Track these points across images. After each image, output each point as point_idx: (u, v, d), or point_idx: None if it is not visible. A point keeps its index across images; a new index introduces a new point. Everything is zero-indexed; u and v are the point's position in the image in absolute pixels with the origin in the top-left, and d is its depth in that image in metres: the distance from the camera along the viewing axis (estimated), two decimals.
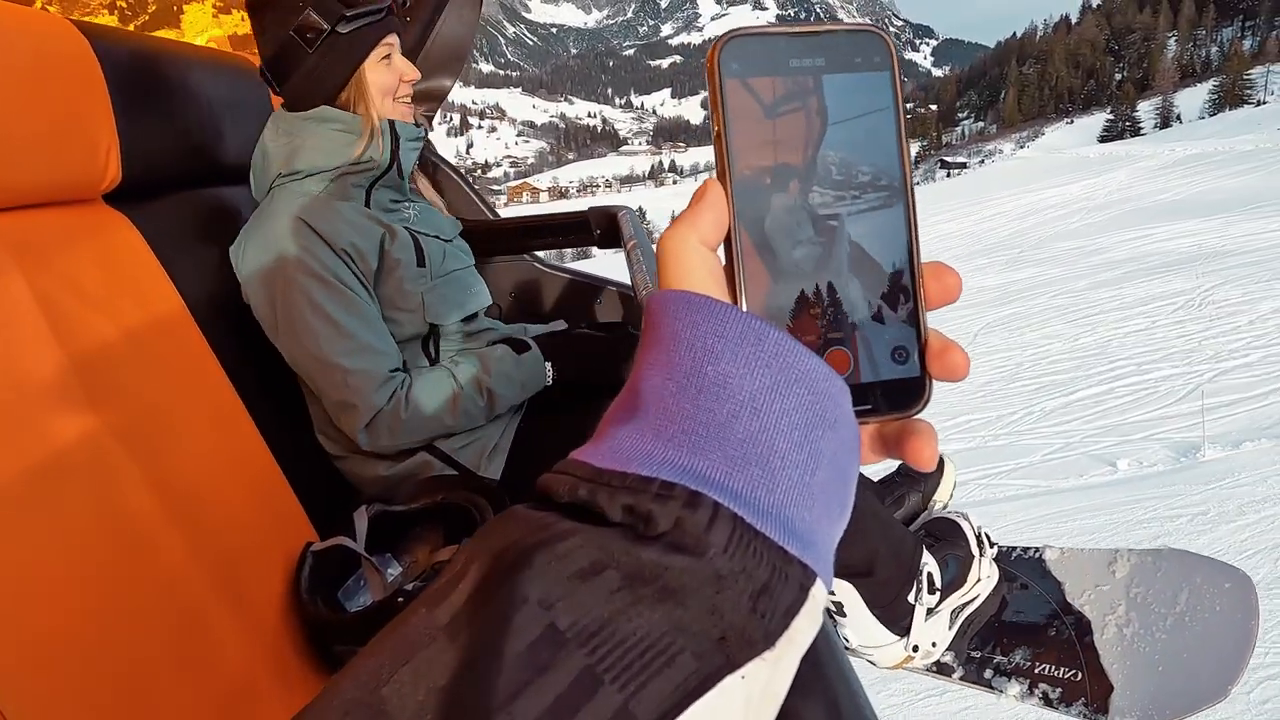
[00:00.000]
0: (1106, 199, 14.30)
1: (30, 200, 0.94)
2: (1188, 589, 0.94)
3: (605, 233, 1.80)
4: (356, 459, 1.27)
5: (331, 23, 1.18)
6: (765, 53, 0.30)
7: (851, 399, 0.27)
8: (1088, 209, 13.27)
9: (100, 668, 0.75)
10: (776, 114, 0.30)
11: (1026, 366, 4.96)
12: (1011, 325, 6.08)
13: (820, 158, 0.30)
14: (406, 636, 0.24)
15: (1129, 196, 14.12)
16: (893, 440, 0.32)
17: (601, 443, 0.27)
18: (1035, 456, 3.57)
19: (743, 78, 0.30)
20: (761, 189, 0.30)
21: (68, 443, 0.82)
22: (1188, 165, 18.15)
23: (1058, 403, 4.23)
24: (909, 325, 0.31)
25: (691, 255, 0.29)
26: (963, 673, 1.08)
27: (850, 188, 0.31)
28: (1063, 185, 18.26)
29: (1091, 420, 3.93)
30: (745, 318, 0.26)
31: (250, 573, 1.00)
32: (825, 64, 0.31)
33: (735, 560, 0.23)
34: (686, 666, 0.22)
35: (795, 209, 0.30)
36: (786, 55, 0.31)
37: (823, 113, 0.31)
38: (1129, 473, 3.29)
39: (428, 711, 0.22)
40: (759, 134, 0.30)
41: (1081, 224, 11.53)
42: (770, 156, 0.30)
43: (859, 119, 0.31)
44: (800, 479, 0.25)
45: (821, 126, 0.31)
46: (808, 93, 0.31)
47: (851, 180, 0.31)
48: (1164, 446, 3.48)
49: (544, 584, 0.23)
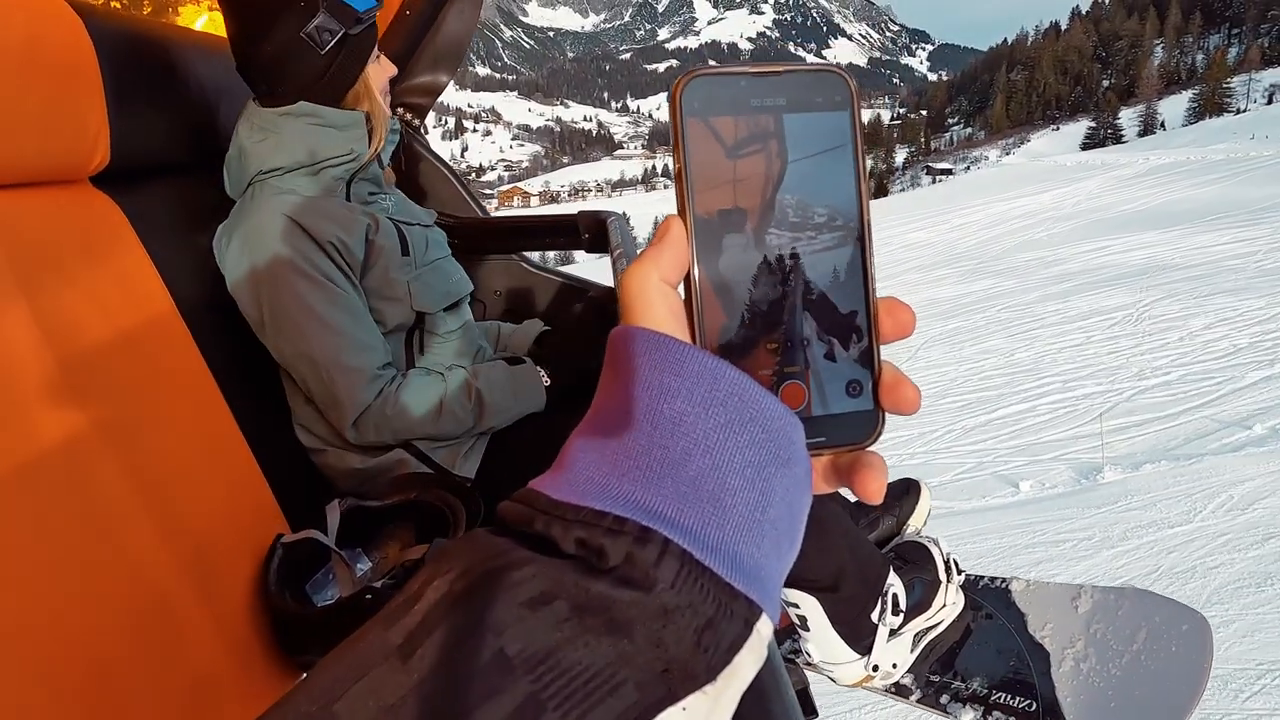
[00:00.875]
0: (1074, 209, 14.48)
1: (16, 179, 0.93)
2: (1146, 628, 0.96)
3: (593, 237, 1.80)
4: (333, 452, 1.27)
5: (347, 25, 1.20)
6: (727, 92, 0.31)
7: (805, 432, 0.28)
8: (1055, 219, 13.42)
9: (66, 653, 0.74)
10: (737, 153, 0.31)
11: (959, 382, 5.02)
12: (954, 339, 6.15)
13: (779, 197, 0.31)
14: (361, 654, 0.24)
15: (1097, 206, 14.35)
16: (845, 471, 0.33)
17: (560, 473, 0.27)
18: (947, 476, 3.61)
19: (704, 116, 0.31)
20: (721, 227, 0.31)
21: (42, 426, 0.82)
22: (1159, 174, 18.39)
23: (979, 420, 4.28)
24: (863, 360, 0.32)
25: (653, 293, 0.29)
26: (920, 695, 1.10)
27: (808, 226, 0.31)
28: (1035, 194, 18.42)
29: (1007, 440, 3.98)
30: (702, 357, 0.27)
31: (220, 563, 1.00)
32: (786, 103, 0.31)
33: (682, 595, 0.24)
34: (628, 697, 0.23)
35: (754, 247, 0.31)
36: (748, 95, 0.31)
37: (783, 152, 0.31)
38: (1030, 495, 3.33)
39: None
40: (719, 173, 0.31)
41: (1046, 234, 11.63)
42: (730, 195, 0.31)
43: (818, 158, 0.31)
44: (750, 515, 0.26)
45: (781, 166, 0.31)
46: (768, 132, 0.31)
47: (809, 219, 0.31)
48: (1069, 468, 3.51)
49: (496, 610, 0.23)
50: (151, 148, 1.19)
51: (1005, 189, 21.92)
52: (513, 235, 1.88)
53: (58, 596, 0.76)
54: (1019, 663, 1.04)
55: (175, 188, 1.24)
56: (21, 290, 0.86)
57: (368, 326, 1.23)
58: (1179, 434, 3.62)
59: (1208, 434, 3.56)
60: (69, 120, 0.99)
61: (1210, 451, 3.34)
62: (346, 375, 1.18)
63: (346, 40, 1.21)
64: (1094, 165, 26.73)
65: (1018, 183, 24.03)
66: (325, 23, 1.18)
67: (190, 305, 1.11)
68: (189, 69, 1.28)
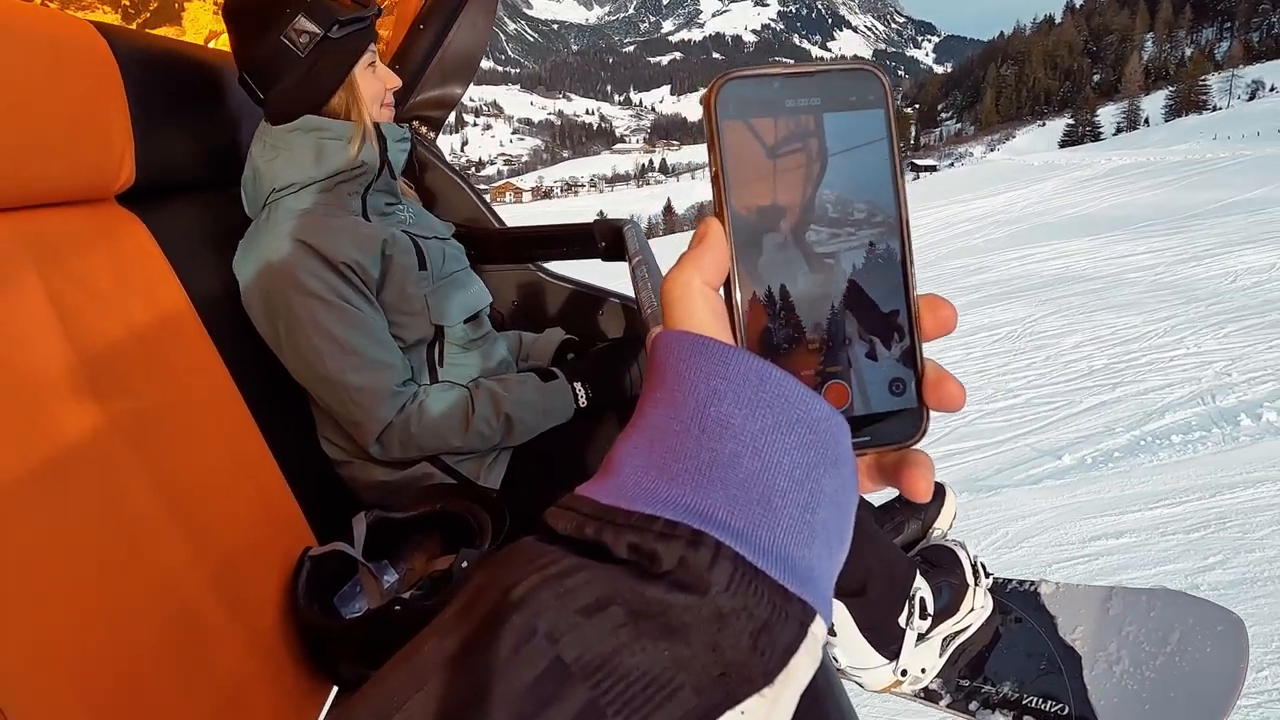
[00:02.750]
0: (1021, 212, 14.32)
1: (45, 199, 0.95)
2: (1180, 629, 0.95)
3: (609, 246, 1.80)
4: (358, 464, 1.28)
5: (325, 28, 1.19)
6: (761, 93, 0.31)
7: (850, 431, 0.28)
8: (1000, 223, 13.28)
9: (98, 665, 0.75)
10: (773, 154, 0.31)
11: None
12: None
13: (817, 196, 0.31)
14: (418, 665, 0.24)
15: (1044, 210, 14.20)
16: (890, 470, 0.33)
17: (607, 479, 0.27)
18: None
19: (740, 118, 0.31)
20: (760, 228, 0.31)
21: (74, 439, 0.83)
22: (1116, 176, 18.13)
23: None
24: (905, 358, 0.32)
25: (695, 297, 0.30)
26: (950, 700, 1.09)
27: (846, 225, 0.31)
28: (992, 196, 18.23)
29: None
30: (748, 359, 0.27)
31: (248, 575, 1.00)
32: (821, 103, 0.31)
33: (737, 598, 0.24)
34: (686, 702, 0.23)
35: (793, 247, 0.31)
36: (782, 95, 0.31)
37: (819, 152, 0.31)
38: None
39: None
40: (756, 174, 0.31)
41: (983, 240, 11.44)
42: (768, 196, 0.31)
43: (855, 157, 0.32)
44: (800, 517, 0.26)
45: (818, 166, 0.31)
46: (804, 132, 0.31)
47: (848, 217, 0.31)
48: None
49: (551, 618, 0.23)
50: (176, 166, 1.20)
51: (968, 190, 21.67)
52: (529, 245, 1.89)
53: (90, 609, 0.76)
54: (1050, 666, 1.03)
55: (199, 205, 1.25)
56: (52, 306, 0.87)
57: (385, 344, 1.23)
58: (995, 463, 3.45)
59: (1020, 464, 3.40)
60: (95, 140, 1.00)
61: (1012, 483, 3.18)
62: (366, 395, 1.18)
63: (325, 43, 1.20)
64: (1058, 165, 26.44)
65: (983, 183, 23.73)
66: (303, 25, 1.17)
67: (215, 321, 1.12)
68: (211, 89, 1.30)
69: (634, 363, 1.43)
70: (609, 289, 1.87)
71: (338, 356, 1.17)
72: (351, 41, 1.23)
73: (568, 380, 1.34)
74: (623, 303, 1.84)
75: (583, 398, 1.34)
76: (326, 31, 1.19)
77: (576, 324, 1.85)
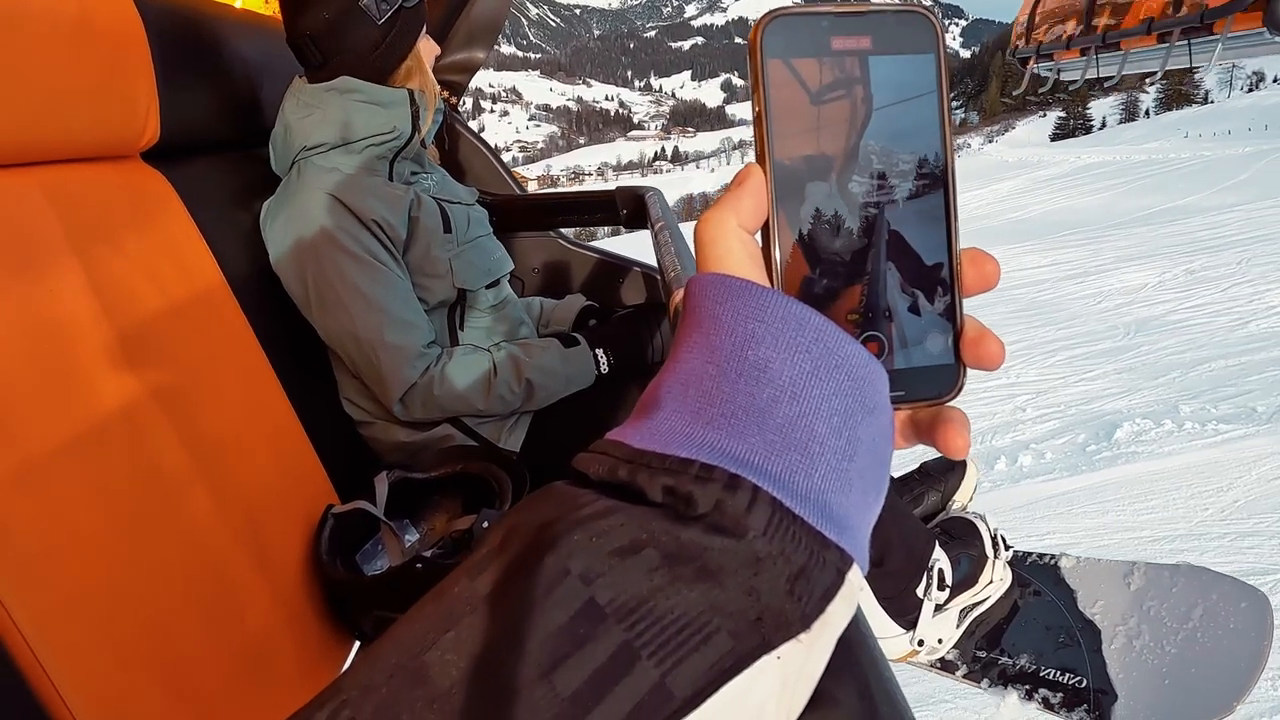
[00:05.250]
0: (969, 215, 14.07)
1: (70, 154, 0.95)
2: (1203, 605, 0.94)
3: (631, 213, 1.79)
4: (380, 425, 1.29)
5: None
6: (808, 33, 0.30)
7: (888, 380, 0.28)
8: None
9: (126, 613, 0.77)
10: (818, 96, 0.30)
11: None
12: None
13: (862, 142, 0.30)
14: (449, 605, 0.24)
15: (990, 214, 13.99)
16: (925, 427, 0.32)
17: (640, 423, 0.27)
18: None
19: (785, 58, 0.30)
20: (802, 173, 0.30)
21: (103, 396, 0.84)
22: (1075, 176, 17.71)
23: None
24: (945, 312, 0.31)
25: (731, 239, 0.29)
26: (966, 670, 1.09)
27: (892, 174, 0.30)
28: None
29: None
30: (786, 302, 0.26)
31: (273, 532, 1.02)
32: (870, 45, 0.30)
33: (774, 543, 0.23)
34: (722, 645, 0.22)
35: (835, 194, 0.30)
36: (829, 35, 0.30)
37: (866, 97, 0.30)
38: None
39: (469, 678, 0.22)
40: (800, 117, 0.30)
41: None
42: (811, 140, 0.30)
43: (902, 104, 0.30)
44: (838, 464, 0.25)
45: (864, 110, 0.30)
46: (851, 75, 0.30)
47: (893, 166, 0.30)
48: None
49: (585, 559, 0.23)
50: (200, 124, 1.20)
51: None
52: (550, 212, 1.88)
53: (120, 558, 0.78)
54: (1068, 639, 1.02)
55: (223, 163, 1.25)
56: (80, 261, 0.88)
57: (412, 305, 1.24)
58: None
59: None
60: (120, 97, 1.00)
61: None
62: (391, 353, 1.19)
63: (401, 12, 1.21)
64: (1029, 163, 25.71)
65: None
66: None
67: (239, 280, 1.13)
68: (236, 47, 1.29)
69: (656, 330, 1.42)
70: (632, 258, 1.87)
71: (366, 314, 1.17)
72: (420, 11, 1.25)
73: (589, 346, 1.34)
74: (644, 271, 1.83)
75: (604, 364, 1.34)
76: (405, 2, 1.20)
77: (598, 292, 1.84)
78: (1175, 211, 10.16)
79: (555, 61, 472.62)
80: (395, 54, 1.24)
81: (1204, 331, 4.38)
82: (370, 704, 0.22)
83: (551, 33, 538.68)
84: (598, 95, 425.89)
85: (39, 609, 0.68)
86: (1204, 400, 3.37)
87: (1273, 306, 4.66)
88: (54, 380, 0.79)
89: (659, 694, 0.21)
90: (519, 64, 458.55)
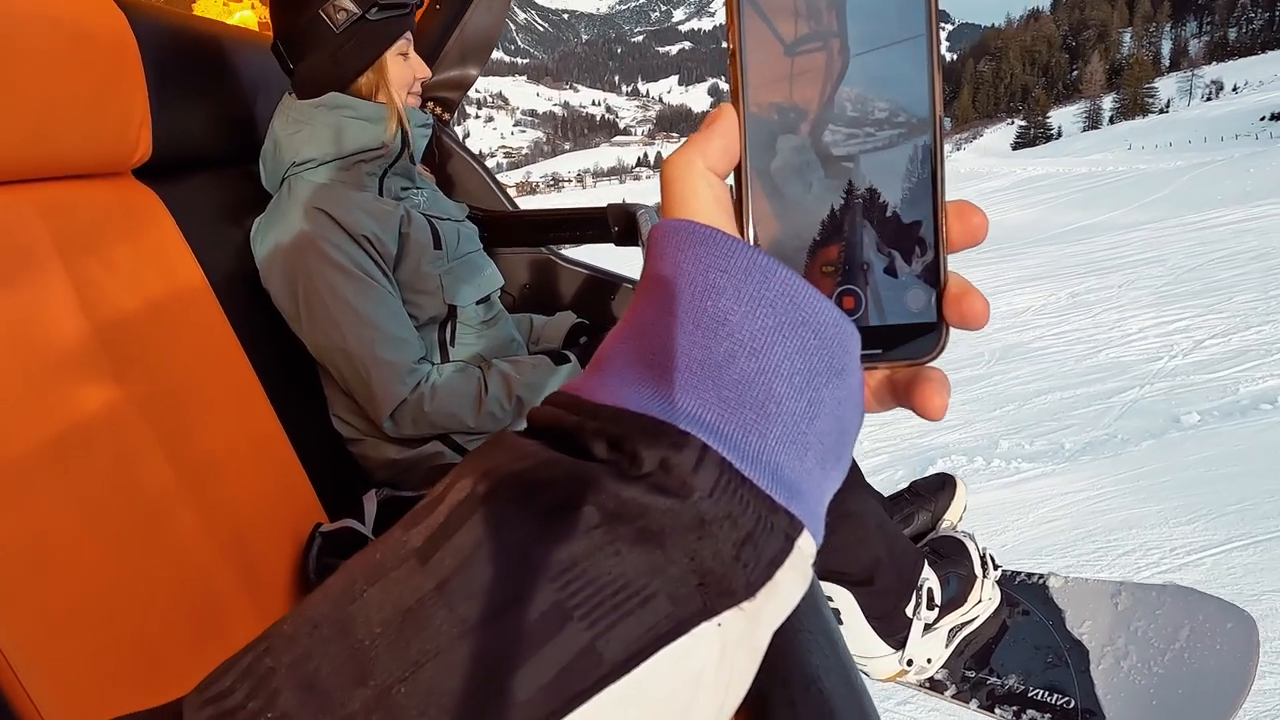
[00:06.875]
0: None
1: (62, 172, 0.95)
2: (1189, 626, 0.95)
3: (623, 230, 1.80)
4: (369, 442, 1.29)
5: (364, 9, 1.20)
6: None
7: (861, 342, 0.26)
8: None
9: (114, 634, 0.76)
10: (798, 37, 0.28)
11: None
12: None
13: (843, 90, 0.28)
14: (380, 557, 0.23)
15: None
16: (901, 389, 0.30)
17: (593, 375, 0.26)
18: None
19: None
20: (777, 120, 0.28)
21: (90, 411, 0.83)
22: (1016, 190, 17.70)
23: None
24: (928, 268, 0.29)
25: (697, 180, 0.27)
26: (955, 690, 1.09)
27: (874, 124, 0.28)
28: None
29: None
30: (751, 253, 0.25)
31: (260, 549, 1.01)
32: None
33: (720, 505, 0.22)
34: (660, 610, 0.21)
35: (814, 140, 0.28)
36: None
37: (849, 40, 0.28)
38: None
39: (393, 630, 0.21)
40: (778, 59, 0.28)
41: None
42: (789, 85, 0.28)
43: (889, 48, 0.28)
44: (796, 426, 0.24)
45: (847, 55, 0.28)
46: (834, 16, 0.28)
47: (875, 115, 0.28)
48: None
49: (519, 514, 0.22)
50: (192, 141, 1.20)
51: None
52: (542, 228, 1.88)
53: (105, 576, 0.77)
54: (1056, 659, 1.02)
55: (215, 180, 1.25)
56: (70, 277, 0.88)
57: (402, 321, 1.24)
58: None
59: None
60: (113, 114, 1.01)
61: None
62: (382, 369, 1.19)
63: (362, 24, 1.21)
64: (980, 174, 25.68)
65: None
66: (343, 3, 1.18)
67: (229, 296, 1.13)
68: (229, 65, 1.30)
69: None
70: (622, 274, 1.87)
71: (356, 329, 1.17)
72: (387, 26, 1.24)
73: (581, 365, 1.34)
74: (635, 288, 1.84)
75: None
76: (365, 12, 1.20)
77: (589, 308, 1.84)
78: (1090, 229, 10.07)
79: (542, 66, 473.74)
80: (348, 65, 1.23)
81: (1055, 361, 4.28)
82: (291, 653, 0.22)
83: (539, 37, 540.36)
84: (584, 100, 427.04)
85: (20, 627, 0.67)
86: (1022, 436, 3.31)
87: (1128, 335, 4.55)
88: (40, 395, 0.78)
89: (588, 657, 0.21)
90: (505, 69, 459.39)
